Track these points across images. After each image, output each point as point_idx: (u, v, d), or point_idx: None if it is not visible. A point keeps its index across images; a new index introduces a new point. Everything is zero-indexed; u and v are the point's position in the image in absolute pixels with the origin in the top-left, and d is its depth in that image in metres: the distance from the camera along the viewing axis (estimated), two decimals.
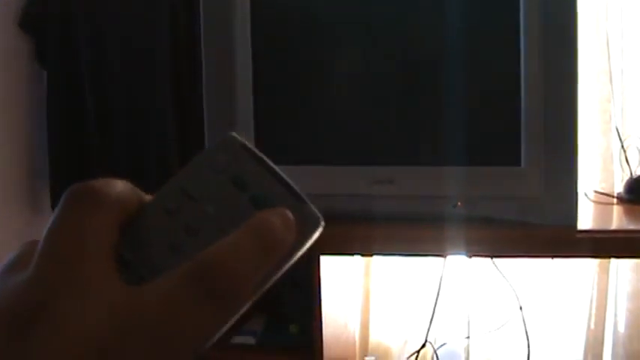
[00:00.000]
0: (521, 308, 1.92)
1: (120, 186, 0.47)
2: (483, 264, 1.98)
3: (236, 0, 1.58)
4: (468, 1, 1.53)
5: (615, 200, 1.79)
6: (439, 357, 2.09)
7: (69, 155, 2.52)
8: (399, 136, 1.59)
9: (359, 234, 1.56)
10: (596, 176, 2.00)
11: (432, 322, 1.97)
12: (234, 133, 0.49)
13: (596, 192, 1.84)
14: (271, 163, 0.49)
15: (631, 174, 1.80)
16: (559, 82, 1.48)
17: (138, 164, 2.43)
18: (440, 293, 1.94)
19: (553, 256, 1.66)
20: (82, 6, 2.43)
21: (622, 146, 1.82)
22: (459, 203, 1.52)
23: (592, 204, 1.76)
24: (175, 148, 2.36)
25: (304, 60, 1.61)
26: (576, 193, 1.50)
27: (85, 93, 2.45)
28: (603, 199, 1.79)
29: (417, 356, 2.04)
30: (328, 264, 1.70)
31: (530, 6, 1.47)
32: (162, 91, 2.36)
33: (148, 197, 0.48)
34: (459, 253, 1.65)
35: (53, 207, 2.52)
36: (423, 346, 2.01)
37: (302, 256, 0.48)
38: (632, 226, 1.67)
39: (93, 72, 2.44)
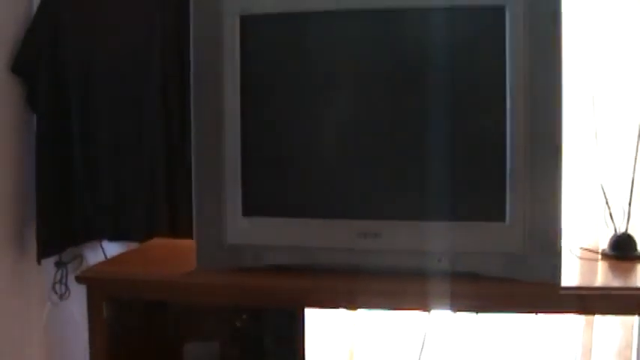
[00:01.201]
0: None
1: None
2: (468, 319, 1.98)
3: (225, 53, 1.60)
4: (455, 60, 1.55)
5: (600, 257, 1.79)
6: None
7: (56, 201, 2.53)
8: (386, 190, 1.60)
9: (344, 287, 1.57)
10: (581, 232, 2.01)
11: None
12: None
13: (580, 248, 1.84)
14: None
15: (615, 231, 1.81)
16: (544, 139, 1.49)
17: (125, 211, 2.44)
18: (424, 348, 1.93)
19: (537, 312, 1.66)
20: (73, 53, 2.45)
21: (607, 203, 1.83)
22: (444, 258, 1.53)
23: (577, 260, 1.76)
24: (163, 197, 2.37)
25: (291, 113, 1.63)
26: (560, 250, 1.51)
27: (74, 139, 2.46)
28: (588, 255, 1.80)
29: None
30: (313, 317, 1.70)
31: (516, 66, 1.49)
32: (152, 138, 2.38)
33: None
34: (444, 308, 1.65)
35: (39, 253, 2.52)
36: None
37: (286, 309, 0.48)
38: (616, 283, 1.68)
39: (82, 118, 2.45)
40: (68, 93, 2.48)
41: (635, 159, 1.81)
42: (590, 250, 1.82)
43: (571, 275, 1.61)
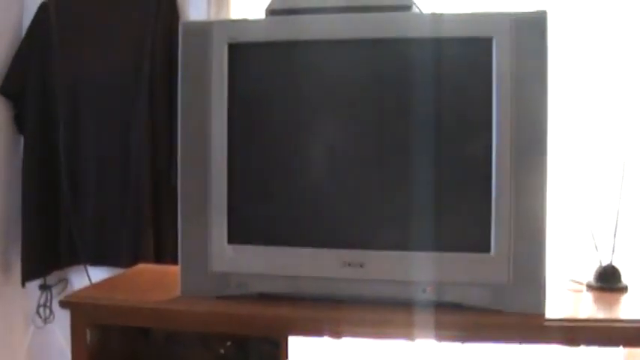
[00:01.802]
0: None
1: None
2: (453, 349, 1.97)
3: (213, 80, 1.61)
4: (443, 91, 1.56)
5: (585, 288, 1.79)
6: None
7: (41, 224, 2.52)
8: (371, 219, 1.60)
9: (328, 316, 1.57)
10: (566, 264, 2.01)
11: None
12: None
13: (566, 279, 1.84)
14: None
15: (600, 262, 1.81)
16: (529, 171, 1.50)
17: (111, 236, 2.44)
18: None
19: (522, 343, 1.66)
20: (61, 76, 2.46)
21: (592, 234, 1.83)
22: (429, 288, 1.53)
23: (562, 291, 1.76)
24: (149, 222, 2.36)
25: (278, 141, 1.63)
26: (545, 281, 1.51)
27: (60, 162, 2.46)
28: (573, 286, 1.80)
29: None
30: (297, 345, 1.69)
31: (503, 98, 1.50)
32: (139, 163, 2.37)
33: None
34: (429, 338, 1.64)
35: (23, 276, 2.51)
36: None
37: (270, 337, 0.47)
38: (601, 315, 1.68)
39: (68, 142, 2.45)
40: (56, 116, 2.48)
41: (620, 191, 1.82)
42: (576, 282, 1.82)
43: (556, 306, 1.61)
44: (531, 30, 1.51)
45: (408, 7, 1.59)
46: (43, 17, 2.52)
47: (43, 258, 2.54)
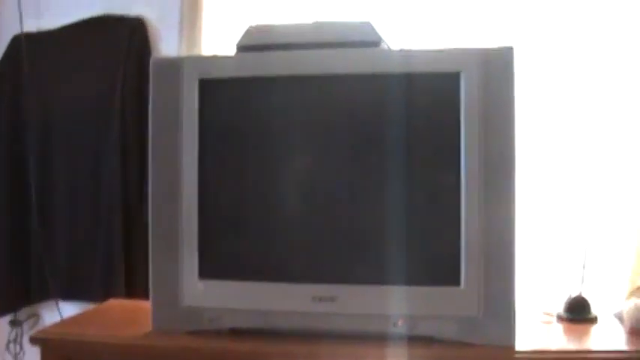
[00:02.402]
0: None
1: None
2: None
3: (184, 115, 1.61)
4: (412, 126, 1.57)
5: (555, 319, 1.81)
6: None
7: (12, 259, 2.51)
8: (341, 254, 1.60)
9: (301, 350, 1.56)
10: (536, 295, 2.02)
11: None
12: None
13: (535, 311, 1.85)
14: None
15: (570, 294, 1.83)
16: (498, 204, 1.52)
17: (82, 271, 2.42)
18: None
19: None
20: (32, 109, 2.45)
21: (561, 266, 1.85)
22: (400, 322, 1.54)
23: (532, 323, 1.77)
24: (120, 257, 2.36)
25: (248, 177, 1.64)
26: (514, 313, 1.52)
27: (31, 196, 2.45)
28: (543, 318, 1.81)
29: None
30: None
31: (471, 132, 1.52)
32: (110, 198, 2.37)
33: None
34: None
35: None
36: None
37: None
38: (571, 346, 1.69)
39: (39, 176, 2.45)
40: (26, 149, 2.47)
41: (589, 222, 1.84)
42: (546, 313, 1.84)
43: (526, 338, 1.62)
44: (498, 65, 1.54)
45: (376, 44, 1.61)
46: (15, 50, 2.51)
47: (14, 293, 2.52)
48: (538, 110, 2.08)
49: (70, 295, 2.46)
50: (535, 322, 1.79)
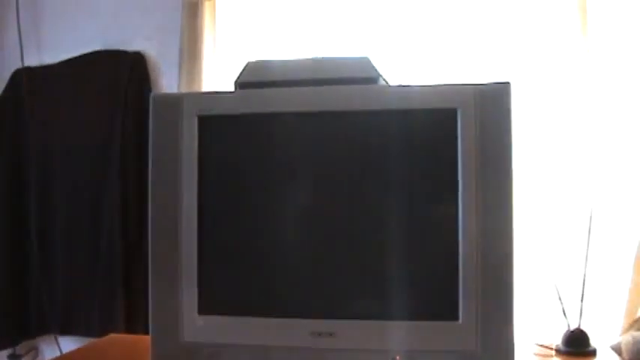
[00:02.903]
0: None
1: None
2: None
3: (183, 152, 1.62)
4: (409, 162, 1.58)
5: (554, 352, 1.81)
6: None
7: (11, 293, 2.51)
8: (340, 289, 1.61)
9: None
10: (534, 329, 2.03)
11: None
12: None
13: (534, 344, 1.86)
14: None
15: (568, 326, 1.83)
16: (496, 239, 1.52)
17: (81, 306, 2.43)
18: None
19: None
20: (33, 144, 2.47)
21: (560, 299, 1.85)
22: (397, 357, 1.54)
23: (531, 357, 1.77)
24: (120, 292, 2.36)
25: (247, 213, 1.64)
26: (513, 348, 1.52)
27: (30, 231, 2.46)
28: (542, 351, 1.82)
29: None
30: None
31: (468, 168, 1.52)
32: (110, 234, 2.38)
33: None
34: None
35: None
36: None
37: None
38: None
39: (39, 211, 2.46)
40: (26, 185, 2.48)
41: (587, 256, 1.84)
42: (544, 346, 1.84)
43: None
44: (495, 101, 1.54)
45: (374, 80, 1.62)
46: (16, 84, 2.54)
47: (13, 327, 2.52)
48: (535, 146, 2.09)
49: (69, 330, 2.47)
50: (533, 356, 1.79)
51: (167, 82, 2.42)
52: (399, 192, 1.58)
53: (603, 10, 2.13)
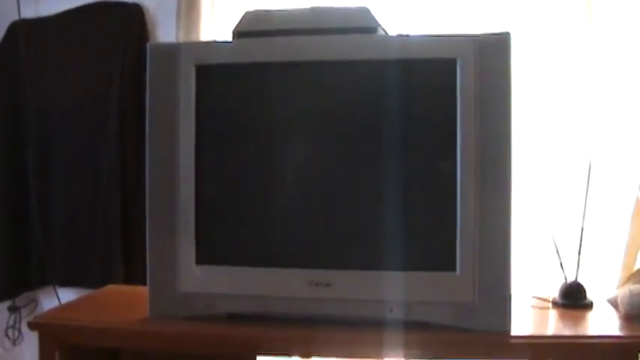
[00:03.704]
0: None
1: None
2: None
3: (181, 102, 1.62)
4: (408, 111, 1.58)
5: (550, 305, 1.81)
6: None
7: (10, 245, 2.52)
8: (337, 240, 1.61)
9: (297, 335, 1.58)
10: (531, 281, 2.03)
11: None
12: None
13: (531, 297, 1.86)
14: None
15: (565, 279, 1.83)
16: (494, 190, 1.52)
17: (80, 257, 2.43)
18: None
19: None
20: (30, 99, 2.46)
21: (557, 252, 1.86)
22: (395, 308, 1.55)
23: (527, 309, 1.78)
24: (118, 244, 2.37)
25: (245, 163, 1.64)
26: (510, 299, 1.53)
27: (29, 184, 2.46)
28: (539, 303, 1.82)
29: None
30: None
31: (467, 117, 1.52)
32: (107, 185, 2.38)
33: None
34: (397, 357, 1.66)
35: None
36: None
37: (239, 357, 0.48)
38: (566, 331, 1.70)
39: (37, 164, 2.45)
40: (25, 139, 2.48)
41: (585, 208, 1.84)
42: (541, 299, 1.84)
43: (521, 324, 1.62)
44: (495, 51, 1.53)
45: (373, 30, 1.61)
46: (13, 37, 2.52)
47: (12, 279, 2.53)
48: (534, 97, 2.08)
49: (68, 281, 2.48)
50: (530, 308, 1.79)
51: (165, 33, 2.39)
52: (398, 142, 1.57)
53: None
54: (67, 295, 2.41)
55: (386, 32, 1.64)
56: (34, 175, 2.47)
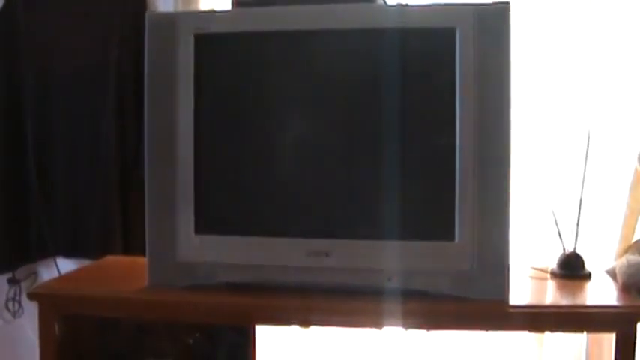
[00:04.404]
0: None
1: None
2: (419, 336, 2.00)
3: (179, 71, 1.61)
4: (407, 81, 1.57)
5: (549, 275, 1.82)
6: None
7: (9, 217, 2.51)
8: (336, 209, 1.61)
9: (296, 305, 1.58)
10: (530, 251, 2.04)
11: None
12: None
13: (530, 267, 1.87)
14: None
15: (564, 249, 1.84)
16: (493, 160, 1.52)
17: (79, 228, 2.44)
18: None
19: (487, 329, 1.69)
20: (28, 64, 2.45)
21: (555, 222, 1.86)
22: (394, 277, 1.55)
23: (526, 279, 1.78)
24: (117, 214, 2.37)
25: (244, 132, 1.64)
26: (508, 268, 1.53)
27: (27, 155, 2.45)
28: (537, 274, 1.83)
29: None
30: (265, 334, 1.71)
31: (466, 88, 1.52)
32: (106, 155, 2.38)
33: None
34: (395, 326, 1.67)
35: None
36: None
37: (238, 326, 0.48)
38: (564, 301, 1.71)
39: (36, 134, 2.45)
40: (23, 108, 2.47)
41: (583, 179, 1.84)
42: (539, 269, 1.85)
43: (520, 293, 1.63)
44: (494, 21, 1.53)
45: None
46: (12, 5, 2.50)
47: (12, 251, 2.54)
48: (534, 67, 2.08)
49: (67, 253, 2.48)
50: (529, 278, 1.80)
51: (164, 2, 2.38)
52: (396, 112, 1.57)
53: None
54: (67, 266, 2.41)
55: (385, 1, 1.64)
56: (34, 147, 2.46)
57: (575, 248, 1.84)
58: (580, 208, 1.85)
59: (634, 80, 2.05)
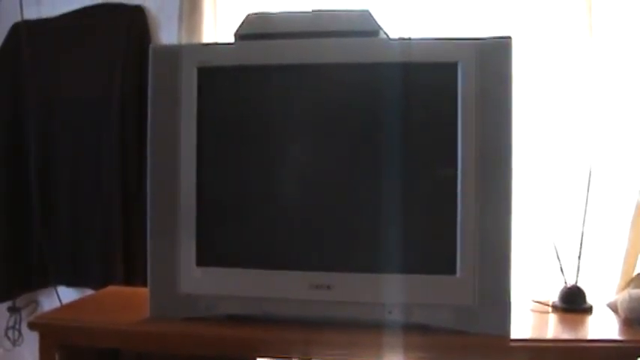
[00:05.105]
0: None
1: None
2: None
3: (183, 104, 1.62)
4: (409, 115, 1.58)
5: (550, 309, 1.82)
6: None
7: (11, 245, 2.51)
8: (338, 242, 1.62)
9: (297, 338, 1.58)
10: (531, 285, 2.03)
11: None
12: None
13: (531, 300, 1.86)
14: None
15: (565, 283, 1.83)
16: (494, 193, 1.53)
17: (81, 258, 2.43)
18: None
19: None
20: (32, 98, 2.46)
21: (557, 256, 1.86)
22: (395, 310, 1.55)
23: (527, 312, 1.78)
24: (119, 244, 2.37)
25: (246, 165, 1.65)
26: (510, 302, 1.53)
27: (31, 184, 2.46)
28: (538, 307, 1.82)
29: None
30: None
31: (468, 122, 1.52)
32: (109, 186, 2.38)
33: None
34: (396, 359, 1.66)
35: None
36: None
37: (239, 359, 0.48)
38: (566, 335, 1.70)
39: (40, 164, 2.45)
40: (26, 138, 2.48)
41: (585, 213, 1.84)
42: (541, 303, 1.85)
43: (521, 327, 1.63)
44: (496, 55, 1.54)
45: (375, 33, 1.61)
46: (15, 39, 2.52)
47: (13, 280, 2.53)
48: (535, 101, 2.08)
49: (69, 282, 2.47)
50: (530, 312, 1.79)
51: (167, 36, 2.39)
52: (398, 146, 1.57)
53: None
54: (68, 296, 2.41)
55: (387, 35, 1.65)
56: (36, 175, 2.47)
57: (576, 282, 1.83)
58: (582, 242, 1.85)
59: (635, 116, 2.05)
